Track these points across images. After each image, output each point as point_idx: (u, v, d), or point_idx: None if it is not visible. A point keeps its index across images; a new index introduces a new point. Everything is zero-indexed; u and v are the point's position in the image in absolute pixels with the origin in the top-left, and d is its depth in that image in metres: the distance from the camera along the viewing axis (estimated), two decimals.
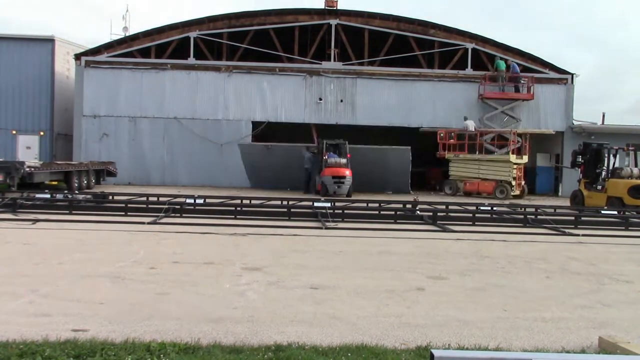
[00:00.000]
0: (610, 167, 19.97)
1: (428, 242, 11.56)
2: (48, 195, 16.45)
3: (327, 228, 12.94)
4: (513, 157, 25.05)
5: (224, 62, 28.89)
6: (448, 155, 26.55)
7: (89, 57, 28.42)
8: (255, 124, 28.54)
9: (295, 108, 28.67)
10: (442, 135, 26.84)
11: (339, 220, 14.15)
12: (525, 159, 25.89)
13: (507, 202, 21.40)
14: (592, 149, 20.49)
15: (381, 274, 8.16)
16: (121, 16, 39.14)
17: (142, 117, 28.62)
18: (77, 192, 19.99)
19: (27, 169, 19.83)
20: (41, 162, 22.58)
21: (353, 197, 21.13)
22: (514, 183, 25.05)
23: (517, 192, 25.25)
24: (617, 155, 20.71)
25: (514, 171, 25.12)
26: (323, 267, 8.52)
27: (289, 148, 25.15)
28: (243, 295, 6.69)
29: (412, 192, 25.09)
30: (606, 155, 20.32)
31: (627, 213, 16.73)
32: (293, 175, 24.66)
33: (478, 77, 28.96)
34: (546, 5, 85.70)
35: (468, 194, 25.49)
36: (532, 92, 28.63)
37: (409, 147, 24.73)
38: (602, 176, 20.09)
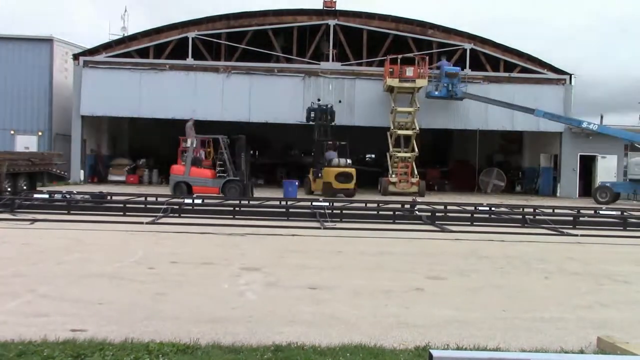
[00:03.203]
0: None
1: (426, 242, 11.56)
2: (47, 195, 16.43)
3: (325, 228, 12.94)
4: None
5: (222, 63, 28.88)
6: None
7: (87, 57, 28.41)
8: (254, 125, 28.54)
9: (293, 108, 28.64)
10: None
11: (337, 220, 14.15)
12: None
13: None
14: (319, 144, 24.65)
15: (380, 274, 8.16)
16: (119, 16, 39.05)
17: (141, 117, 28.60)
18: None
19: None
20: None
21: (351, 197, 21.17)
22: None
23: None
24: None
25: None
26: (322, 267, 8.52)
27: None
28: (242, 295, 6.68)
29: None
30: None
31: (625, 213, 16.76)
32: None
33: (477, 77, 28.99)
34: None
35: None
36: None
37: None
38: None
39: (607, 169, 28.63)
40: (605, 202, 23.43)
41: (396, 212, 15.18)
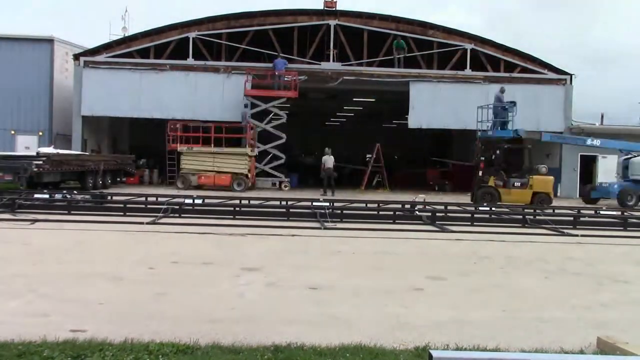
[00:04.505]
0: None
1: (427, 242, 11.56)
2: (47, 196, 16.43)
3: (325, 228, 12.94)
4: (248, 150, 25.87)
5: (223, 63, 28.85)
6: (180, 148, 26.02)
7: (87, 58, 28.39)
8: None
9: None
10: (172, 127, 26.32)
11: (337, 220, 14.13)
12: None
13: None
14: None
15: (380, 274, 8.16)
16: (120, 17, 39.03)
17: (141, 117, 28.59)
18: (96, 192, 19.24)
19: (35, 169, 19.37)
20: (56, 152, 21.84)
21: (352, 198, 21.15)
22: (249, 175, 25.64)
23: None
24: None
25: (249, 164, 25.86)
26: (322, 268, 8.52)
27: None
28: (242, 295, 6.69)
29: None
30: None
31: (625, 213, 16.76)
32: None
33: (478, 77, 28.98)
34: None
35: (201, 187, 24.94)
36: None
37: None
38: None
39: (607, 169, 28.61)
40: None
41: (396, 212, 15.18)
